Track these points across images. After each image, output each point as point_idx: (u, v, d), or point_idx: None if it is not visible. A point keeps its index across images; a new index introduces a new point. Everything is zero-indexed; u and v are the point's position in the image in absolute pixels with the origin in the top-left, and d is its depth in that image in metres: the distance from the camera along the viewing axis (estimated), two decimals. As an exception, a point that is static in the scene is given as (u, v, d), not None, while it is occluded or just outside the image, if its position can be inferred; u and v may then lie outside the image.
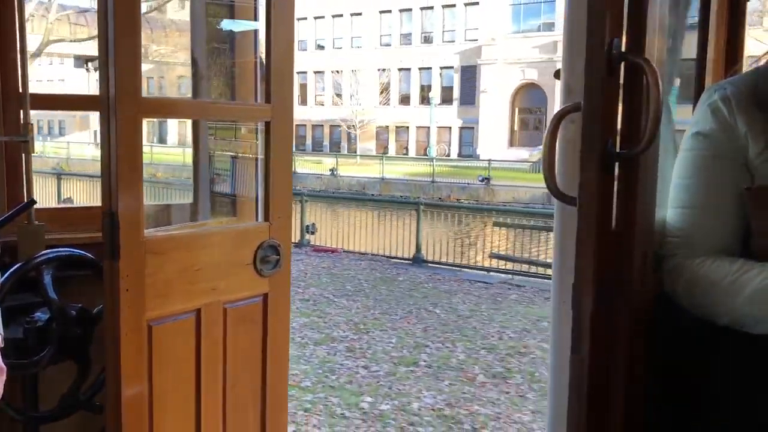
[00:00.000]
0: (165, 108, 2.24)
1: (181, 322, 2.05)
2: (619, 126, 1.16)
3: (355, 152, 39.03)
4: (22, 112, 2.25)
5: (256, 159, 2.48)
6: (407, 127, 40.98)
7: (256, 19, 2.78)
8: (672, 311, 1.34)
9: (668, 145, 1.31)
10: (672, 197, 1.31)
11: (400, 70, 41.02)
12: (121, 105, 1.85)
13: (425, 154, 37.55)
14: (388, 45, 41.78)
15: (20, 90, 2.29)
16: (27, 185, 2.27)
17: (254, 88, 2.68)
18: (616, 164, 1.17)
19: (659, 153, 1.26)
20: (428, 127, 39.30)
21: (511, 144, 37.08)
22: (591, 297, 1.20)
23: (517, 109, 37.75)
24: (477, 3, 37.84)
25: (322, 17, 42.94)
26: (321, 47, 43.65)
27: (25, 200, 2.23)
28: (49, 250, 2.12)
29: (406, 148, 40.80)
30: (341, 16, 42.29)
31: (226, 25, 2.93)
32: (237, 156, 2.91)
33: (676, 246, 1.28)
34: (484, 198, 25.18)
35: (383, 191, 27.35)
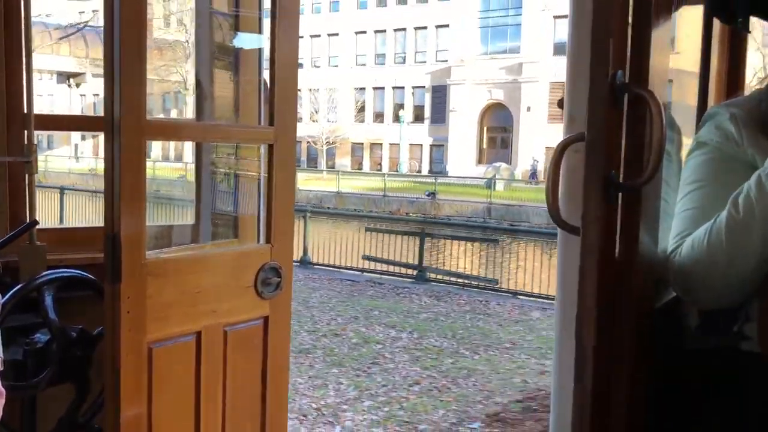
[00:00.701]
0: (169, 131, 2.25)
1: (182, 345, 2.04)
2: (622, 156, 1.16)
3: (333, 168, 40.24)
4: (26, 132, 2.26)
5: (259, 176, 2.49)
6: (381, 144, 42.42)
7: (260, 43, 2.80)
8: (675, 337, 1.33)
9: (671, 181, 1.31)
10: (680, 203, 1.30)
11: (374, 88, 42.55)
12: (125, 127, 1.86)
13: (397, 170, 39.24)
14: (364, 65, 43.24)
15: (25, 110, 2.31)
16: (29, 205, 2.27)
17: (258, 110, 2.69)
18: (619, 195, 1.17)
19: (662, 185, 1.27)
20: (399, 145, 41.17)
21: (480, 161, 38.37)
22: (593, 327, 1.20)
23: (485, 128, 39.23)
24: (447, 26, 39.38)
25: (302, 37, 43.90)
26: (300, 65, 44.65)
27: (27, 220, 2.23)
28: (50, 271, 2.12)
29: (380, 164, 42.04)
30: (319, 36, 43.51)
31: (235, 42, 2.96)
32: (239, 173, 2.92)
33: (682, 241, 1.26)
34: (430, 211, 26.24)
35: (338, 204, 28.36)
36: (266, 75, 2.55)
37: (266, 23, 2.57)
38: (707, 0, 1.39)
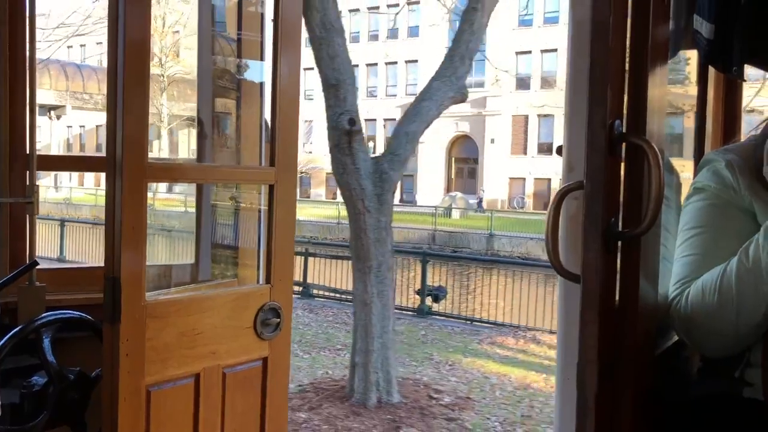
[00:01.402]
0: (171, 173, 2.27)
1: (180, 387, 2.03)
2: (621, 205, 1.17)
3: (308, 197, 41.49)
4: (28, 173, 2.28)
5: (259, 211, 2.49)
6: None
7: (261, 76, 2.83)
8: (677, 383, 1.33)
9: (670, 228, 1.32)
10: (679, 249, 1.31)
11: None
12: (127, 169, 1.87)
13: None
14: None
15: (27, 151, 2.32)
16: (30, 246, 2.27)
17: (259, 149, 2.71)
18: (619, 243, 1.17)
19: (661, 230, 1.28)
20: None
21: (448, 190, 39.64)
22: (595, 375, 1.20)
23: (453, 159, 40.89)
24: (416, 61, 41.14)
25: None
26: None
27: (28, 260, 2.23)
28: (48, 313, 2.11)
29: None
30: (296, 70, 45.56)
31: (236, 82, 2.99)
32: (239, 209, 2.92)
33: (683, 288, 1.26)
34: None
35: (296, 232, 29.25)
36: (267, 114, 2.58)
37: (268, 65, 2.61)
38: (702, 49, 1.41)
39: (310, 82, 44.81)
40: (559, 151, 1.33)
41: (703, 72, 1.60)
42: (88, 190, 35.83)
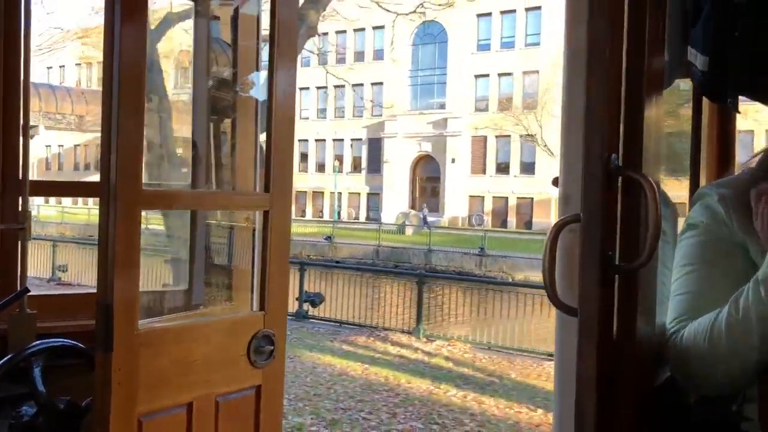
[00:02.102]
0: (165, 199, 2.26)
1: (173, 417, 2.00)
2: (618, 238, 1.17)
3: None
4: (20, 198, 2.26)
5: (253, 234, 2.48)
6: (323, 193, 45.79)
7: (257, 102, 2.83)
8: (675, 415, 1.32)
9: (667, 261, 1.32)
10: (674, 286, 1.31)
11: (316, 140, 45.88)
12: (121, 196, 1.86)
13: (339, 217, 42.99)
14: (306, 118, 45.85)
15: (20, 177, 2.31)
16: (21, 273, 2.25)
17: (254, 174, 2.69)
18: (616, 276, 1.17)
19: (658, 263, 1.27)
20: (340, 193, 44.71)
21: (412, 208, 41.23)
22: (593, 409, 1.18)
23: (418, 178, 42.85)
24: (382, 83, 43.31)
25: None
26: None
27: (19, 288, 2.21)
28: (39, 341, 2.09)
29: (321, 211, 45.48)
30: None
31: (232, 107, 2.99)
32: (233, 232, 2.91)
33: (680, 327, 1.26)
34: (328, 253, 29.05)
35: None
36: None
37: (262, 84, 2.61)
38: (697, 80, 1.42)
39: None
40: (555, 182, 1.33)
41: (697, 102, 1.60)
42: (69, 208, 35.90)
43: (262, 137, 2.43)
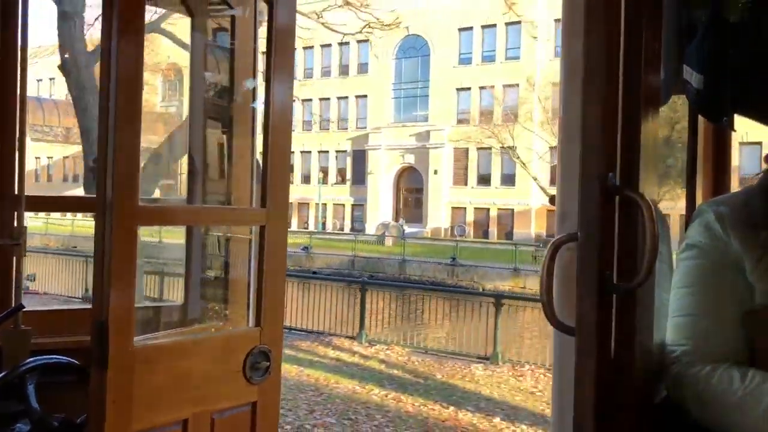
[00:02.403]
0: (161, 215, 2.25)
1: (168, 434, 1.98)
2: (615, 257, 1.17)
3: None
4: (16, 214, 2.25)
5: (249, 244, 2.47)
6: (308, 204, 46.03)
7: (254, 116, 2.82)
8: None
9: (663, 280, 1.32)
10: (672, 307, 1.31)
11: (302, 152, 46.12)
12: (118, 212, 1.85)
13: (324, 228, 43.95)
14: (293, 130, 46.06)
15: (16, 192, 2.30)
16: (16, 289, 2.24)
17: (251, 188, 2.69)
18: (614, 295, 1.16)
19: (654, 280, 1.27)
20: (325, 204, 45.50)
21: (396, 220, 41.71)
22: (592, 428, 1.18)
23: (402, 189, 43.64)
24: (365, 96, 44.12)
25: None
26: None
27: (13, 304, 2.20)
28: (34, 358, 2.07)
29: (306, 222, 45.93)
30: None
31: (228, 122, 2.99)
32: (230, 243, 2.89)
33: (679, 355, 1.26)
34: (305, 263, 29.41)
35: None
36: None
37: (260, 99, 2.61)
38: (692, 98, 1.43)
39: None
40: (552, 200, 1.33)
41: (693, 119, 1.61)
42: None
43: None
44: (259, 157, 2.54)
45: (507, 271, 25.67)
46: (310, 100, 44.51)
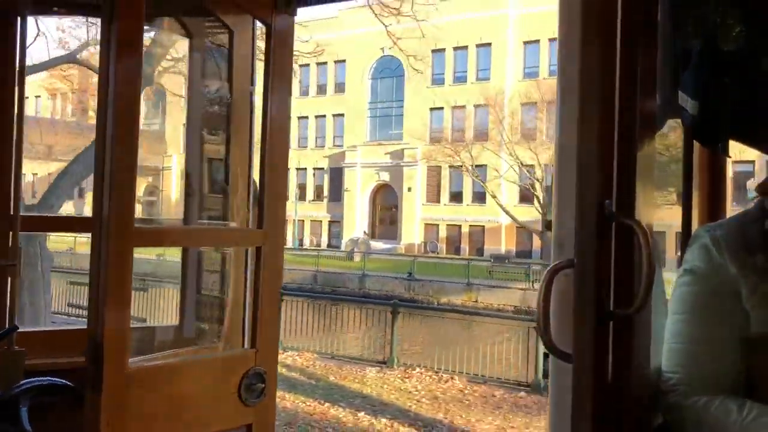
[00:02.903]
0: (158, 237, 2.25)
1: (162, 458, 1.97)
2: (612, 283, 1.17)
3: None
4: (11, 234, 2.24)
5: (246, 261, 2.46)
6: (286, 220, 47.50)
7: (251, 133, 2.83)
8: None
9: (657, 302, 1.32)
10: (668, 333, 1.31)
11: None
12: (114, 233, 1.85)
13: (301, 244, 44.64)
14: None
15: (11, 212, 2.29)
16: (10, 310, 2.22)
17: (247, 208, 2.69)
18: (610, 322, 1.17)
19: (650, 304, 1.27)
20: (302, 220, 46.36)
21: (372, 236, 42.90)
22: (589, 455, 1.17)
23: (378, 206, 44.85)
24: (342, 115, 45.44)
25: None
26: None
27: (8, 325, 2.18)
28: (27, 380, 2.06)
29: (284, 238, 47.79)
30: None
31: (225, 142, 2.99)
32: (226, 257, 2.88)
33: (675, 383, 1.26)
34: None
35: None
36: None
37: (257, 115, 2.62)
38: (688, 123, 1.44)
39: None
40: (548, 226, 1.33)
41: (687, 144, 1.62)
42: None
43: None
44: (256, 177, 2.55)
45: (460, 286, 26.88)
46: (289, 117, 46.01)
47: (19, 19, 2.47)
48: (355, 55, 42.00)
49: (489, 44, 39.51)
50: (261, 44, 2.52)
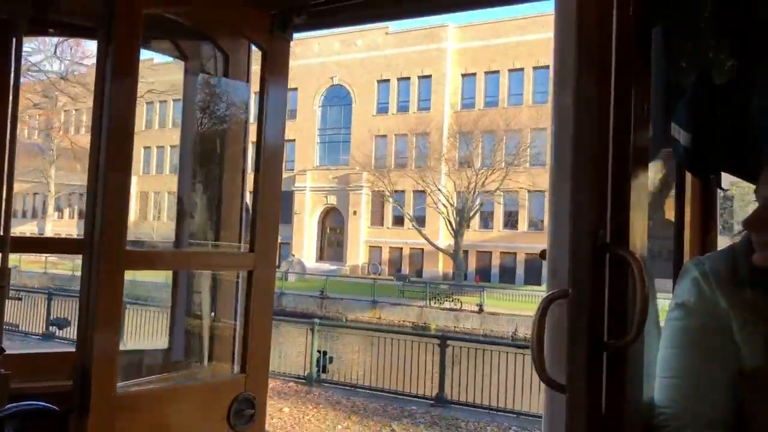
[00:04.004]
0: (148, 260, 2.24)
1: (148, 485, 1.94)
2: (606, 314, 1.17)
3: None
4: (0, 255, 2.21)
5: (237, 284, 2.44)
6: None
7: (244, 156, 2.83)
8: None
9: (651, 332, 1.32)
10: (659, 367, 1.31)
11: None
12: (105, 256, 1.84)
13: None
14: None
15: (2, 232, 2.27)
16: (-2, 332, 2.19)
17: (239, 232, 2.68)
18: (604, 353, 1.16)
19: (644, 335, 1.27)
20: None
21: (320, 258, 45.21)
22: (582, 488, 1.16)
23: (327, 229, 46.07)
24: (294, 140, 45.86)
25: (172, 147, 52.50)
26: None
27: (-6, 347, 2.15)
28: (11, 405, 2.02)
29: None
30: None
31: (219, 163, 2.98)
32: (217, 279, 2.86)
33: (668, 418, 1.26)
34: None
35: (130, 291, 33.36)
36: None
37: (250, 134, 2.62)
38: (680, 155, 1.45)
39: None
40: (543, 255, 1.33)
41: (680, 176, 1.63)
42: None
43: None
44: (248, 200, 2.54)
45: (366, 303, 29.09)
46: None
47: (14, 39, 2.48)
48: (306, 84, 43.89)
49: (429, 76, 41.89)
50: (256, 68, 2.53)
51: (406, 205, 41.25)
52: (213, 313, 2.72)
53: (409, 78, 42.70)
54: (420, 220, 40.28)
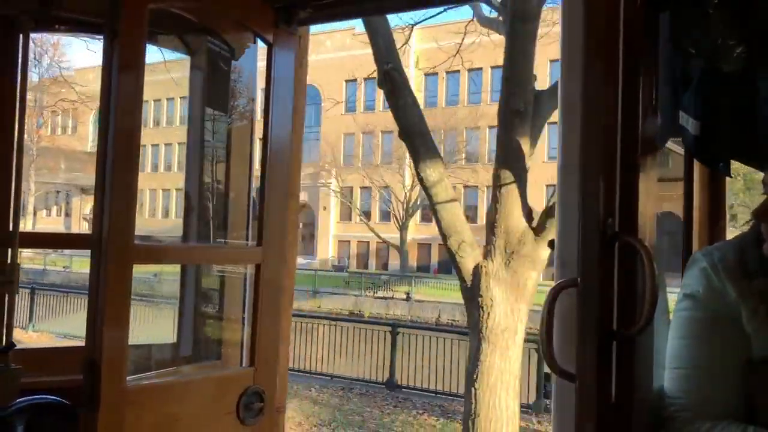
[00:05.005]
0: (156, 254, 2.24)
1: (158, 478, 1.94)
2: (615, 303, 1.16)
3: None
4: (9, 251, 2.23)
5: (245, 277, 2.44)
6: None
7: (251, 150, 2.83)
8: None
9: (660, 321, 1.32)
10: (669, 358, 1.30)
11: None
12: (114, 250, 1.84)
13: None
14: None
15: (10, 228, 2.28)
16: (7, 328, 2.20)
17: (246, 226, 2.68)
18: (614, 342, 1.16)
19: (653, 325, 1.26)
20: None
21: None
22: (592, 477, 1.16)
23: (300, 224, 46.80)
24: None
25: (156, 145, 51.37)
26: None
27: (4, 343, 2.17)
28: (22, 398, 2.03)
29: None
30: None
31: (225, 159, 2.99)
32: (225, 274, 2.87)
33: (678, 409, 1.25)
34: (159, 290, 32.83)
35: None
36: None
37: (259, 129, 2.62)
38: (689, 144, 1.44)
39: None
40: (551, 245, 1.33)
41: (688, 164, 1.62)
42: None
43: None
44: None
45: (310, 293, 30.00)
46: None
47: (21, 36, 2.48)
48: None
49: (395, 75, 43.31)
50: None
51: (355, 200, 42.97)
52: (221, 307, 2.73)
53: (375, 78, 43.19)
54: (385, 215, 41.63)
